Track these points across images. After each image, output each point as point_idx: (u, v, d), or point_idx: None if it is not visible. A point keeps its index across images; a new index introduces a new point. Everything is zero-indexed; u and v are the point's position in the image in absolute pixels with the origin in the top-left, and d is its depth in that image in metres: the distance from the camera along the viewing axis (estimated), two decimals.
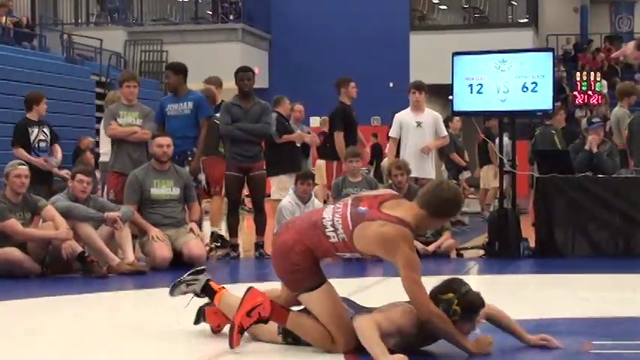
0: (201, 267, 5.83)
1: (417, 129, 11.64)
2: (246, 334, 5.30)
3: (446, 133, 12.17)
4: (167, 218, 9.54)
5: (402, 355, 4.90)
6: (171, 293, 5.69)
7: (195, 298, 5.64)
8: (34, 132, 11.50)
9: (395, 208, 5.21)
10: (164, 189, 9.58)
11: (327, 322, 5.15)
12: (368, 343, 5.03)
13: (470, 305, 5.30)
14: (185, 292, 5.65)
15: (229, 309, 5.35)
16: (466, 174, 16.61)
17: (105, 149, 11.55)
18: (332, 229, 5.10)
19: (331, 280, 5.42)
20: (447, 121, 13.88)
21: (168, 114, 10.60)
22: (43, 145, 11.59)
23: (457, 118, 14.32)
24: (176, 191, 9.69)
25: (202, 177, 10.81)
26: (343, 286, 5.96)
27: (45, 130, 11.66)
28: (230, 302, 5.43)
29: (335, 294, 5.21)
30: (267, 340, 5.47)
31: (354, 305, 5.48)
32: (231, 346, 5.05)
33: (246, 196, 14.58)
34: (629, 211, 10.72)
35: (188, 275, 5.67)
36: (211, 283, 5.57)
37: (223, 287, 5.59)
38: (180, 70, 11.03)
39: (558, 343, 5.37)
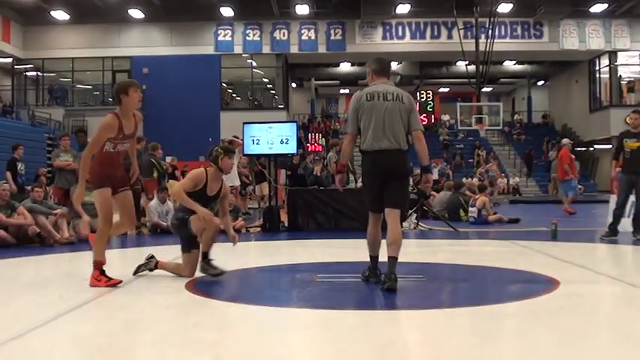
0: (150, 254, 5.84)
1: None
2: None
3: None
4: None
5: (208, 212, 5.31)
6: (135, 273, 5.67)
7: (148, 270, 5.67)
8: (18, 164, 12.03)
9: None
10: None
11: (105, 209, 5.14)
12: (187, 204, 5.36)
13: (226, 149, 5.71)
14: (144, 268, 5.67)
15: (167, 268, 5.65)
16: (250, 187, 16.76)
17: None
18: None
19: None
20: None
21: None
22: (22, 170, 11.71)
23: (245, 157, 14.59)
24: None
25: None
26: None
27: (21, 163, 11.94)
28: (165, 266, 5.67)
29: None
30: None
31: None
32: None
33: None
34: (337, 206, 11.14)
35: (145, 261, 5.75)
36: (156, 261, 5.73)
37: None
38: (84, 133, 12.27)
39: (237, 239, 5.73)
